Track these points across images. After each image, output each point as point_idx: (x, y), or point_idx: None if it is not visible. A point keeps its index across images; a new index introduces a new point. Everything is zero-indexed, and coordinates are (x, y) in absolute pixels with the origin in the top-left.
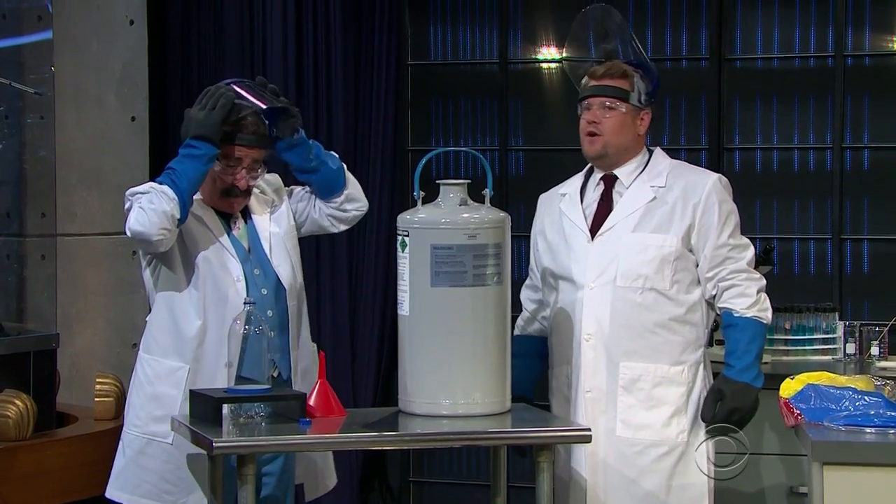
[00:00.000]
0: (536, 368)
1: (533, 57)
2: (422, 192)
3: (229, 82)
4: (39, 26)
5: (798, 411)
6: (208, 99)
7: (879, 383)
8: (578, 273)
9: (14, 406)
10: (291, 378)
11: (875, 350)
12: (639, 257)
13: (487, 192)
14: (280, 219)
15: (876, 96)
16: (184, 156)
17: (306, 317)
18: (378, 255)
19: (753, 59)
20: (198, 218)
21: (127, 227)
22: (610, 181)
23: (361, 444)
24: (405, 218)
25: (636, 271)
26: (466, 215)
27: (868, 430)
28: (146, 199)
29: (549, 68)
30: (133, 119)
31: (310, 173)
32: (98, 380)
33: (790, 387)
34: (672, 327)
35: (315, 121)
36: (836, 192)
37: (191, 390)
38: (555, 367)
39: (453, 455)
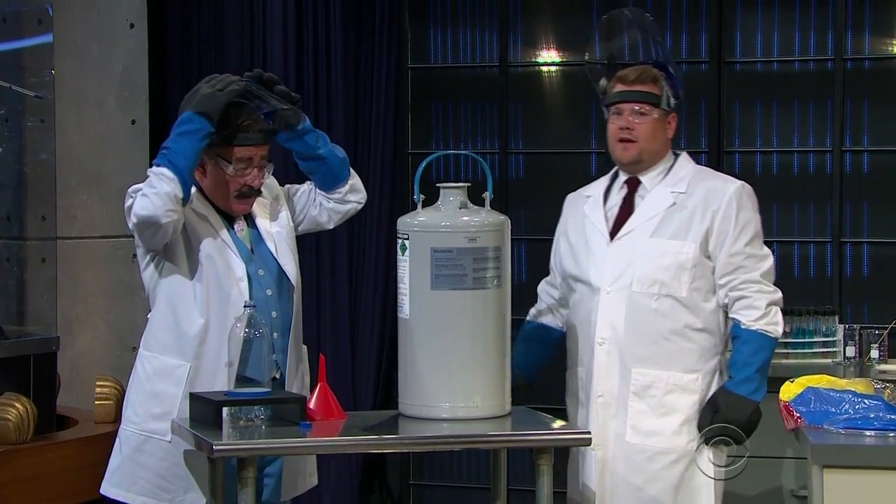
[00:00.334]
0: (539, 355)
1: (533, 60)
2: (422, 196)
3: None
4: (40, 29)
5: (798, 414)
6: (219, 81)
7: (879, 386)
8: (596, 276)
9: (14, 409)
10: (288, 378)
11: (875, 353)
12: (655, 263)
13: (487, 196)
14: (281, 220)
15: (876, 99)
16: (179, 133)
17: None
18: (378, 258)
19: (753, 63)
20: (202, 216)
21: (133, 215)
22: (633, 185)
23: (361, 448)
24: (405, 221)
25: (652, 277)
26: (466, 218)
27: (868, 433)
28: (146, 185)
29: (549, 71)
30: (133, 122)
31: (316, 160)
32: (98, 383)
33: (790, 390)
34: (687, 335)
35: (315, 124)
36: (836, 196)
37: (191, 393)
38: (570, 369)
39: (453, 458)
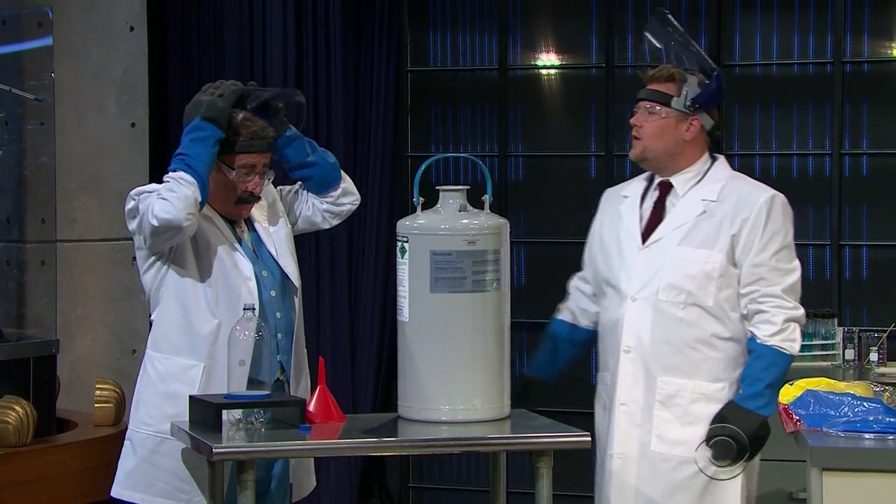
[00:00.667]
0: (565, 354)
1: (532, 63)
2: (421, 198)
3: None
4: (40, 33)
5: (797, 417)
6: (216, 88)
7: (878, 389)
8: (624, 283)
9: (14, 412)
10: (293, 380)
11: (874, 356)
12: (682, 272)
13: (487, 198)
14: (280, 223)
15: (875, 102)
16: (191, 140)
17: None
18: (377, 261)
19: (752, 66)
20: (207, 218)
21: (154, 219)
22: (665, 189)
23: (361, 450)
24: (405, 224)
25: (679, 286)
26: (466, 221)
27: (867, 436)
28: (165, 188)
29: (549, 74)
30: (133, 125)
31: (308, 168)
32: (98, 385)
33: (789, 393)
34: (714, 344)
35: (315, 127)
36: (835, 199)
37: (190, 396)
38: (600, 372)
39: (453, 461)
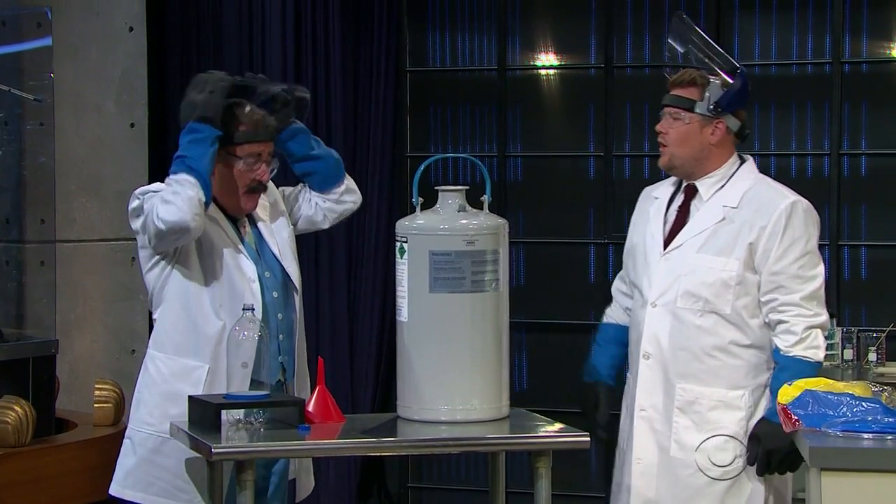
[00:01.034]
0: (616, 355)
1: (531, 63)
2: (420, 199)
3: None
4: (39, 33)
5: (796, 417)
6: (204, 83)
7: (877, 389)
8: (647, 287)
9: (13, 412)
10: (295, 381)
11: (873, 356)
12: (699, 279)
13: (486, 199)
14: (281, 223)
15: (873, 103)
16: (189, 142)
17: None
18: (377, 261)
19: (751, 66)
20: (212, 219)
21: (160, 222)
22: (690, 193)
23: (360, 450)
24: (404, 224)
25: (696, 294)
26: (465, 221)
27: (866, 436)
28: (169, 191)
29: (548, 74)
30: (132, 126)
31: (312, 161)
32: (97, 386)
33: (788, 393)
34: (732, 351)
35: (314, 127)
36: (834, 199)
37: (190, 396)
38: (628, 374)
39: (451, 461)
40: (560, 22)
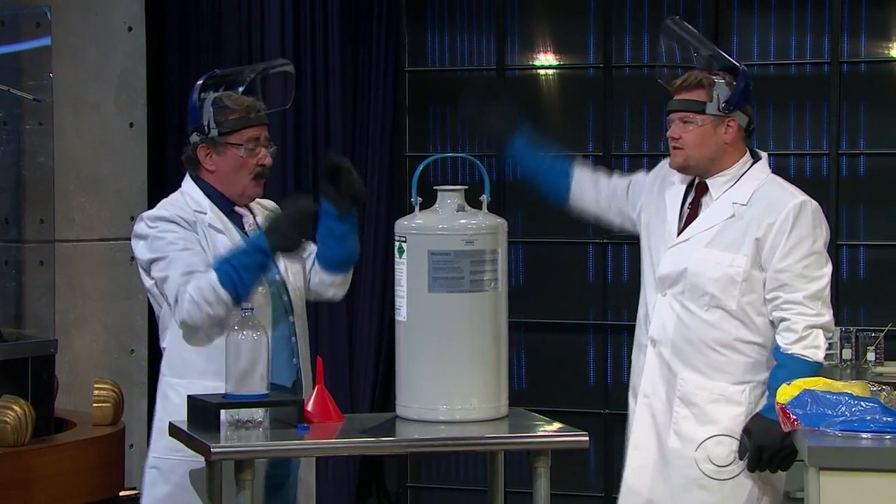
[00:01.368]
0: (541, 160)
1: (530, 63)
2: (419, 198)
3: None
4: (38, 33)
5: (795, 417)
6: (300, 213)
7: (875, 389)
8: (656, 276)
9: (12, 411)
10: (307, 382)
11: (871, 356)
12: (706, 274)
13: (485, 198)
14: None
15: (872, 102)
16: (258, 265)
17: None
18: (376, 261)
19: (750, 66)
20: (219, 231)
21: (178, 312)
22: (701, 190)
23: (359, 450)
24: (403, 224)
25: (702, 288)
26: (464, 221)
27: (864, 436)
28: (207, 293)
29: (546, 74)
30: (131, 125)
31: (339, 246)
32: (96, 385)
33: (787, 392)
34: (737, 346)
35: (313, 128)
36: (833, 199)
37: (189, 396)
38: (632, 356)
39: (450, 460)
40: (559, 22)
